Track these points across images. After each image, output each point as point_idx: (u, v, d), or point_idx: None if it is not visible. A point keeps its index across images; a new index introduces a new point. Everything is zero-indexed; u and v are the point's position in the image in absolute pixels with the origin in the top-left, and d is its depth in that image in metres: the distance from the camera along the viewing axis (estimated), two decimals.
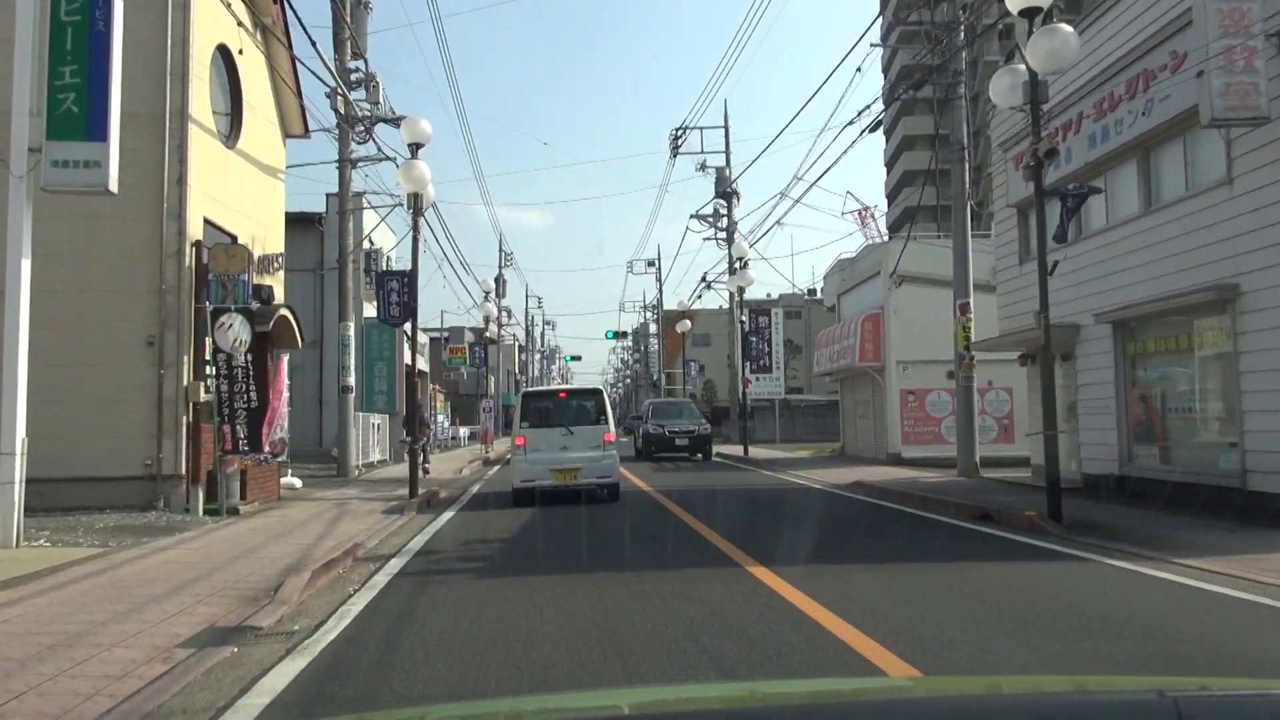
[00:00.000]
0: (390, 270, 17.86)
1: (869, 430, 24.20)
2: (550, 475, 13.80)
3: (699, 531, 10.47)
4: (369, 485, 18.34)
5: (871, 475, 18.30)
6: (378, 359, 27.33)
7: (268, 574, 7.82)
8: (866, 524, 11.60)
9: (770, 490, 16.42)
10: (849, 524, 11.73)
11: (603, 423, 14.33)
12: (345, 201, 21.09)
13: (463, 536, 10.68)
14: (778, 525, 11.73)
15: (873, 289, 23.36)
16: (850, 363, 22.68)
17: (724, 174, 41.40)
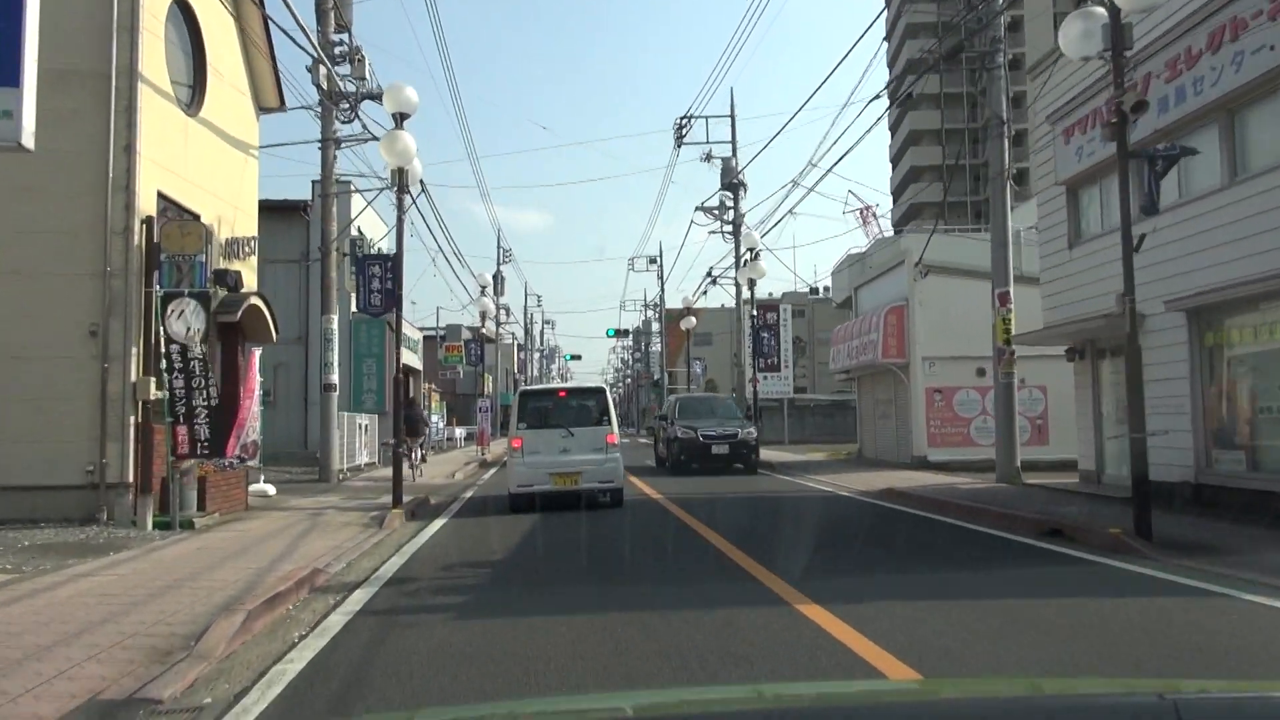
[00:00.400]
0: (372, 254, 16.29)
1: (890, 431, 22.63)
2: (550, 479, 12.82)
3: (725, 552, 8.89)
4: (352, 492, 16.77)
5: (901, 481, 16.73)
6: (366, 355, 25.78)
7: (198, 611, 6.26)
8: (920, 543, 10.02)
9: (793, 499, 14.84)
10: (899, 543, 10.15)
11: (605, 424, 13.32)
12: (329, 184, 19.51)
13: (447, 556, 9.10)
14: (815, 544, 10.16)
15: (895, 280, 21.78)
16: (872, 359, 21.12)
17: (730, 164, 39.82)
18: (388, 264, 13.88)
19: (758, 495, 15.39)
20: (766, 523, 11.89)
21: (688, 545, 9.66)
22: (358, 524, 11.73)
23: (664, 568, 8.35)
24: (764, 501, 14.52)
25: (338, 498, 15.64)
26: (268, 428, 26.14)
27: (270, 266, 25.92)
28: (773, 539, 10.34)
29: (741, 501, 14.47)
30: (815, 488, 16.57)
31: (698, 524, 11.03)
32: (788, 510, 13.30)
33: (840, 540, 10.26)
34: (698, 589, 7.22)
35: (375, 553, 9.35)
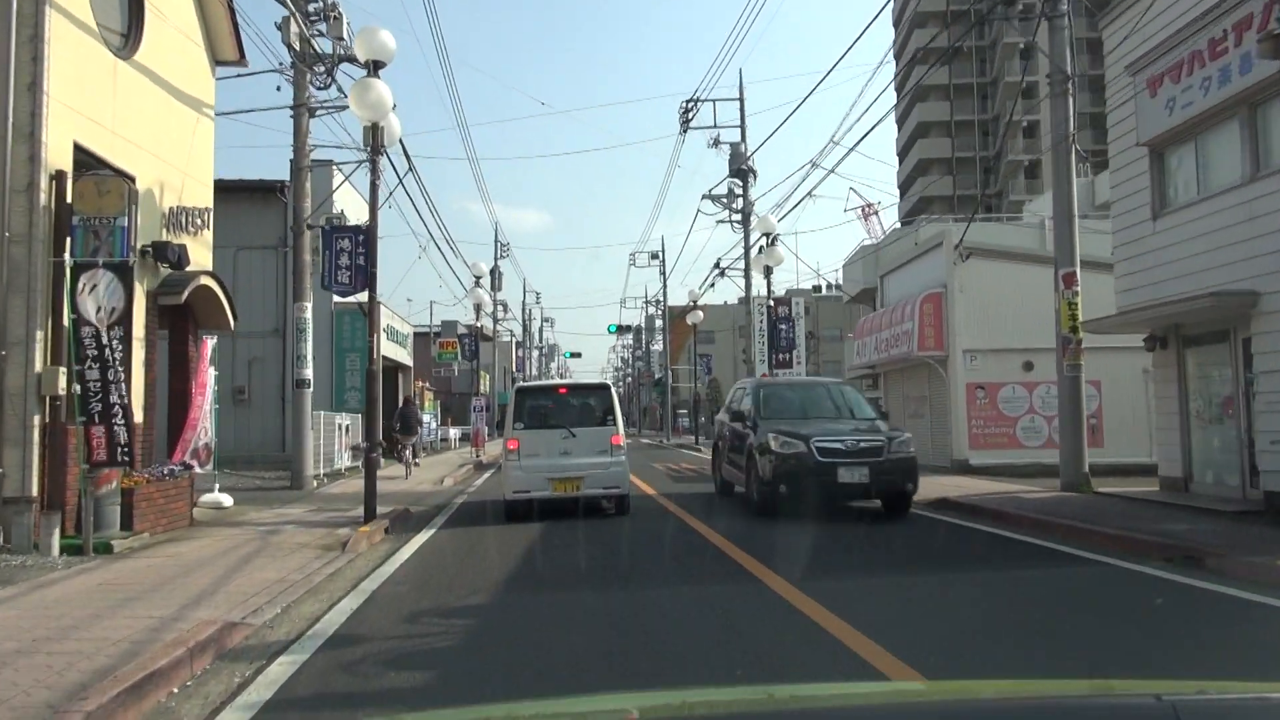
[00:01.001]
0: (341, 225, 14.24)
1: (923, 432, 20.55)
2: (549, 485, 11.64)
3: (777, 590, 6.83)
4: (323, 502, 14.72)
5: (949, 488, 14.69)
6: (350, 349, 23.74)
7: (30, 702, 4.21)
8: (1012, 572, 7.96)
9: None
10: (987, 571, 8.10)
11: (610, 423, 12.12)
12: (301, 156, 17.45)
13: (417, 598, 7.02)
14: (883, 571, 8.12)
15: (932, 265, 19.72)
16: (906, 351, 19.06)
17: (739, 149, 37.78)
18: (359, 236, 11.82)
19: None
20: (812, 542, 9.82)
21: (724, 576, 7.62)
22: (316, 545, 9.67)
23: (705, 619, 6.27)
24: None
25: (304, 509, 13.59)
26: (241, 428, 24.18)
27: (245, 253, 23.97)
28: (827, 564, 8.31)
29: None
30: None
31: (723, 541, 8.99)
32: (826, 524, 11.23)
33: (917, 569, 8.21)
34: (755, 650, 5.16)
35: (325, 590, 7.29)
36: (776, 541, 9.39)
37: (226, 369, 23.76)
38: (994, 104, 76.62)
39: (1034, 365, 18.54)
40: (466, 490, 17.60)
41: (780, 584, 6.81)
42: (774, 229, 23.69)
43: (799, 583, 6.75)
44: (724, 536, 9.63)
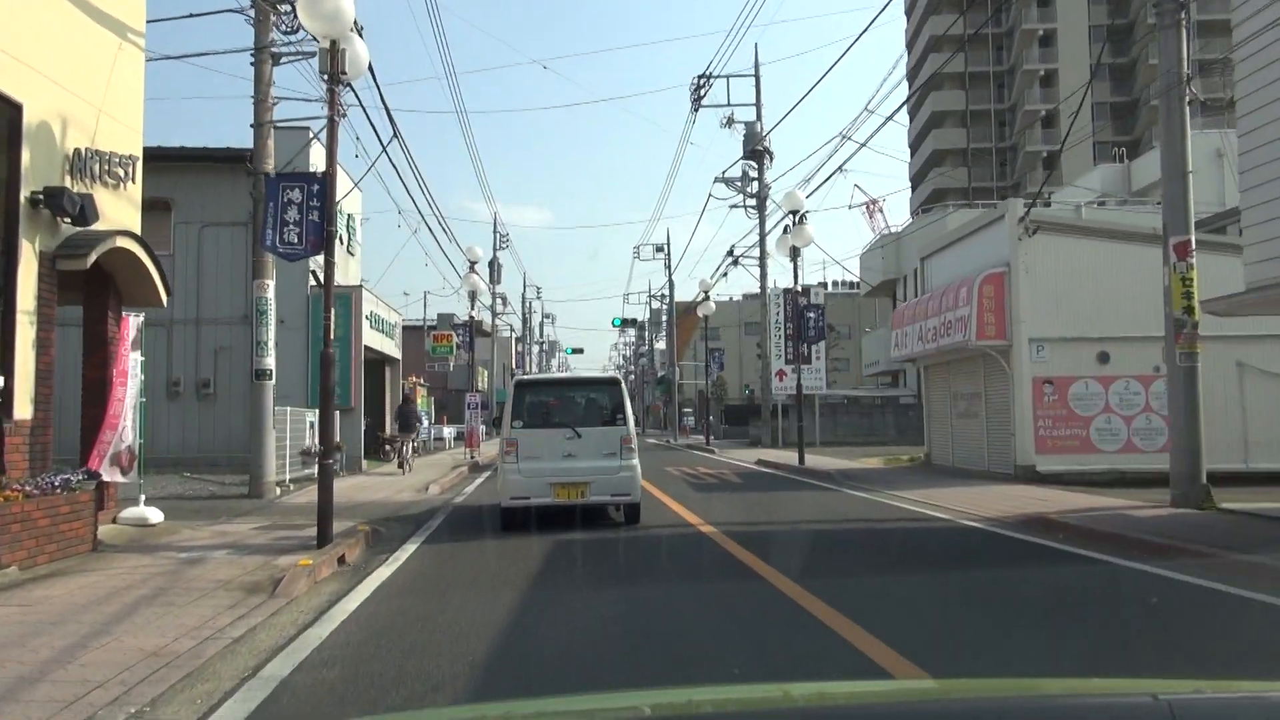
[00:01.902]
0: (290, 173, 11.72)
1: (976, 433, 18.09)
2: (550, 491, 10.42)
3: (871, 656, 4.35)
4: (280, 515, 12.25)
5: (1032, 501, 12.23)
6: (332, 339, 21.20)
7: None
8: (1204, 638, 5.48)
9: (900, 532, 10.28)
10: (1163, 633, 5.62)
11: (620, 422, 10.89)
12: (264, 110, 15.01)
13: (341, 699, 4.48)
14: (1010, 631, 5.65)
15: (990, 241, 17.23)
16: (962, 340, 16.56)
17: (754, 129, 35.31)
18: (313, 185, 9.32)
19: (844, 527, 10.84)
20: (895, 584, 7.32)
21: (795, 642, 5.16)
22: (240, 584, 7.21)
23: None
24: (858, 538, 9.96)
25: (253, 525, 11.12)
26: (206, 427, 21.73)
27: (211, 230, 21.48)
28: (926, 620, 5.86)
29: (826, 539, 9.93)
30: (913, 510, 12.01)
31: (779, 578, 6.51)
32: (914, 555, 8.73)
33: (1050, 626, 5.74)
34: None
35: (210, 676, 4.80)
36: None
37: (190, 360, 21.33)
38: (1011, 93, 74.10)
39: (1110, 357, 16.09)
40: (455, 499, 15.12)
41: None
42: (801, 205, 21.19)
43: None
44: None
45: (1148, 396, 16.03)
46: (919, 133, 79.14)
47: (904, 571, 7.86)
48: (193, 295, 21.05)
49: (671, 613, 6.17)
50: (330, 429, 9.46)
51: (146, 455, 21.13)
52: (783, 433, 34.08)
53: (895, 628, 5.41)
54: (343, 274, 23.94)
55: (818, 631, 5.43)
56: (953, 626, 5.84)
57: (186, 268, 21.13)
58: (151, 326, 21.22)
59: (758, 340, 40.10)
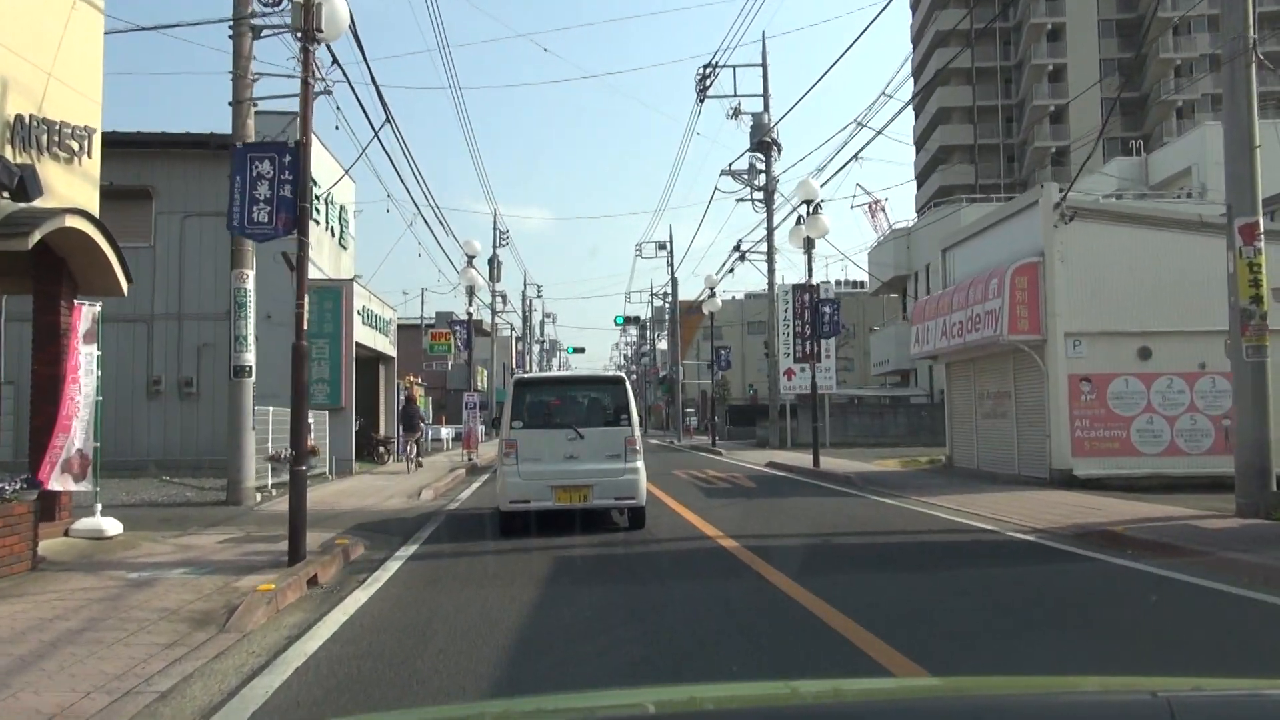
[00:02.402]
0: (259, 143, 10.63)
1: (1004, 434, 16.99)
2: (551, 494, 10.03)
3: None
4: (256, 525, 11.18)
5: (1084, 510, 11.14)
6: (319, 334, 20.16)
7: None
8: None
9: (951, 549, 9.14)
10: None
11: (624, 423, 10.49)
12: (243, 86, 13.93)
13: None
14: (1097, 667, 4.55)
15: (1022, 230, 16.13)
16: (993, 335, 15.45)
17: (762, 120, 34.20)
18: (284, 157, 8.24)
19: (878, 540, 9.73)
20: (971, 614, 6.23)
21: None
22: (188, 614, 6.14)
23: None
24: (893, 552, 8.86)
25: (222, 537, 10.03)
26: (189, 427, 20.65)
27: (194, 220, 20.40)
28: (1000, 652, 4.79)
29: (859, 552, 8.85)
30: (948, 519, 10.91)
31: (822, 606, 5.45)
32: (983, 581, 7.59)
33: (1142, 663, 4.65)
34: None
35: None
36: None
37: (172, 357, 20.25)
38: (1018, 88, 72.97)
39: (1152, 353, 15.00)
40: (448, 506, 14.03)
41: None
42: (816, 195, 20.11)
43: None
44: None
45: (1192, 395, 14.94)
46: (924, 129, 78.01)
47: (985, 609, 6.75)
48: (175, 289, 19.99)
49: (719, 669, 4.95)
50: (302, 431, 8.37)
51: (125, 458, 20.20)
52: (791, 433, 32.99)
53: (893, 631, 4.32)
54: (334, 267, 22.87)
55: (822, 630, 4.33)
56: (1042, 654, 4.75)
57: (168, 260, 20.07)
58: (130, 322, 20.19)
59: (764, 339, 39.06)
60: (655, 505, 12.87)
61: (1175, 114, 66.53)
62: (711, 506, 12.72)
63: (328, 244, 22.83)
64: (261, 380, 20.02)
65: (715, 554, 8.40)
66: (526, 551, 8.70)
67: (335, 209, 23.28)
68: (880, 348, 45.19)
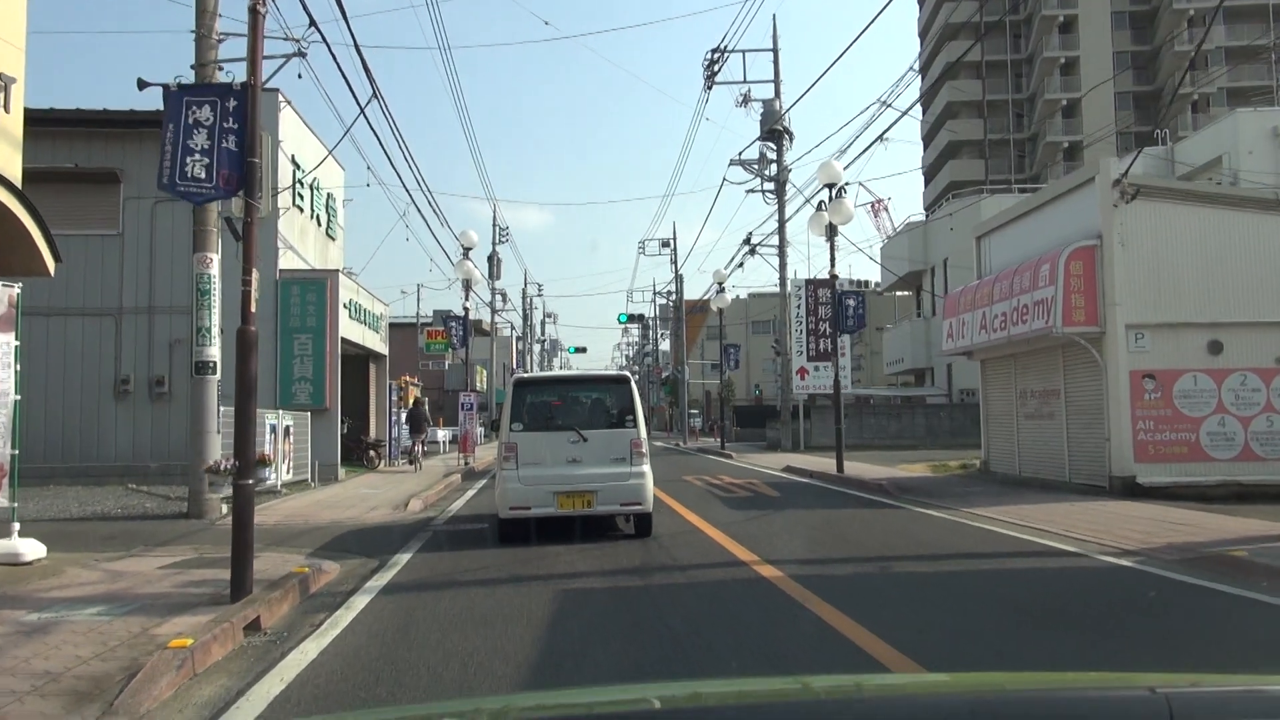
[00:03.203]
0: (199, 84, 9.00)
1: (1050, 437, 15.45)
2: (553, 500, 9.57)
3: None
4: (212, 544, 9.66)
5: (1172, 527, 9.60)
6: (300, 329, 18.65)
7: None
8: None
9: (1037, 577, 7.56)
10: None
11: (629, 425, 10.01)
12: (206, 48, 12.36)
13: None
14: None
15: (1074, 211, 14.59)
16: (1045, 326, 13.89)
17: (773, 108, 32.67)
18: (228, 102, 6.70)
19: (944, 565, 8.16)
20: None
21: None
22: (74, 679, 4.64)
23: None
24: (997, 586, 7.29)
25: (166, 561, 8.51)
26: (159, 430, 19.09)
27: (165, 206, 18.82)
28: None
29: (956, 585, 7.28)
30: (1031, 541, 9.32)
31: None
32: (1090, 617, 6.03)
33: None
34: None
35: None
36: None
37: (141, 355, 18.68)
38: (1029, 82, 71.38)
39: (1223, 346, 13.46)
40: (438, 518, 12.49)
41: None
42: (839, 178, 18.56)
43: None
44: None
45: (1269, 393, 13.41)
46: (932, 125, 76.47)
47: (1051, 633, 5.20)
48: (145, 280, 18.44)
49: None
50: (249, 435, 6.83)
51: (89, 464, 18.63)
52: (804, 435, 31.45)
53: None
54: (321, 259, 21.35)
55: None
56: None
57: (138, 249, 18.53)
58: (96, 316, 18.67)
59: (775, 338, 37.54)
60: (673, 519, 11.34)
61: (1190, 107, 64.96)
62: (736, 521, 11.17)
63: (313, 233, 21.30)
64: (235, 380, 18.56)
65: (756, 588, 6.84)
66: (524, 583, 7.16)
67: (322, 196, 21.76)
68: (894, 345, 43.60)
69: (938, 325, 40.31)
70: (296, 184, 19.60)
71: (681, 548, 8.92)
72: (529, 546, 9.11)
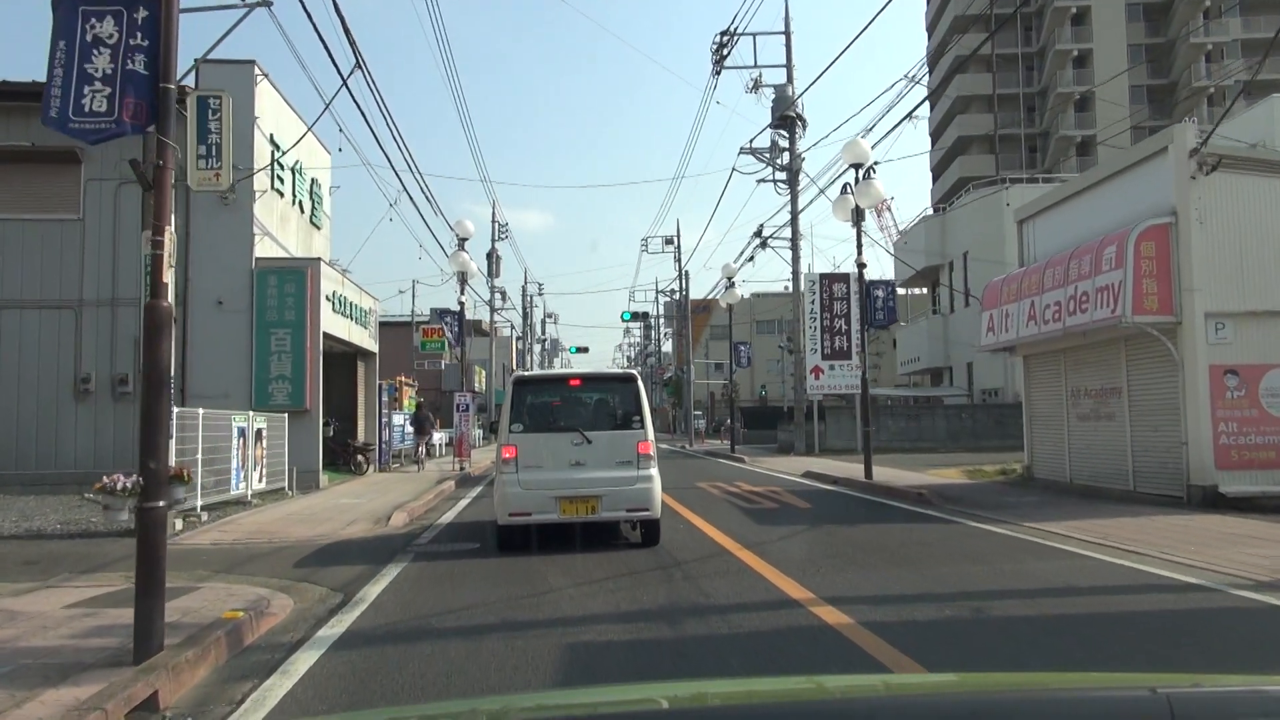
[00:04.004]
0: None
1: (1110, 440, 13.86)
2: (555, 506, 8.97)
3: None
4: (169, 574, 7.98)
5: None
6: (276, 324, 17.06)
7: None
8: None
9: (1165, 620, 5.90)
10: None
11: (636, 426, 9.38)
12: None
13: None
14: None
15: (1142, 186, 13.01)
16: (1111, 315, 12.29)
17: (785, 93, 31.07)
18: (135, 12, 5.15)
19: (1057, 600, 6.56)
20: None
21: None
22: None
23: None
24: (1123, 638, 5.70)
25: (82, 596, 6.94)
26: (122, 432, 17.45)
27: (130, 190, 16.89)
28: None
29: (1079, 638, 5.69)
30: (1133, 569, 7.70)
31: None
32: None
33: None
34: None
35: None
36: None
37: (104, 351, 17.04)
38: (1040, 76, 69.75)
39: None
40: (423, 535, 10.89)
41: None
42: (867, 157, 16.97)
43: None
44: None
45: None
46: (940, 120, 74.94)
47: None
48: (108, 270, 16.84)
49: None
50: (159, 445, 5.25)
51: (45, 471, 16.89)
52: (818, 437, 29.86)
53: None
54: (305, 249, 19.76)
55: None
56: None
57: (100, 235, 16.93)
58: (55, 309, 17.03)
59: (786, 336, 35.92)
60: (696, 538, 9.77)
61: (1206, 101, 63.41)
62: (769, 540, 9.58)
63: (295, 220, 19.72)
64: (208, 378, 16.96)
65: (825, 645, 5.23)
66: (520, 633, 5.56)
67: (305, 181, 20.17)
68: (909, 344, 41.97)
69: (956, 321, 38.80)
70: (276, 165, 18.02)
71: (714, 579, 7.32)
72: (527, 579, 7.53)
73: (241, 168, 16.74)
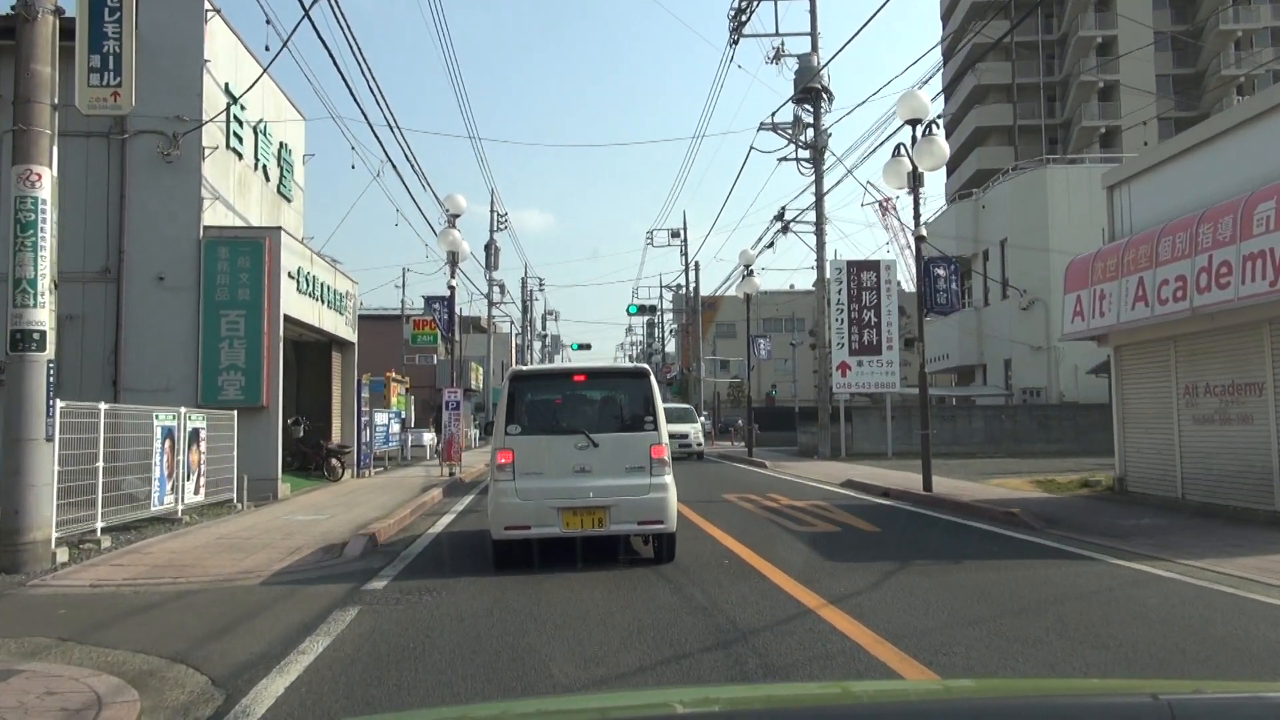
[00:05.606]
0: None
1: (1244, 448, 11.25)
2: (558, 517, 8.07)
3: None
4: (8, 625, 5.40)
5: None
6: (227, 304, 14.44)
7: None
8: None
9: None
10: None
11: (649, 428, 8.43)
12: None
13: None
14: None
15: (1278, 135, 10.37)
16: (1268, 289, 9.69)
17: (809, 63, 28.45)
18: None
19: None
20: None
21: None
22: None
23: None
24: None
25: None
26: None
27: (59, 144, 14.68)
28: None
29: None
30: None
31: None
32: None
33: None
34: None
35: None
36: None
37: None
38: (1061, 64, 67.11)
39: None
40: (389, 565, 8.27)
41: None
42: (926, 112, 14.37)
43: None
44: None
45: None
46: (956, 112, 72.30)
47: None
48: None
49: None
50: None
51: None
52: (845, 440, 27.26)
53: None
54: (271, 221, 17.14)
55: None
56: None
57: None
58: None
59: (811, 330, 33.27)
60: (748, 577, 7.18)
61: (1236, 90, 60.79)
62: (855, 587, 6.95)
63: (258, 188, 17.11)
64: (146, 368, 14.36)
65: None
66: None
67: (272, 144, 17.56)
68: (936, 340, 39.23)
69: (992, 315, 36.09)
70: (232, 120, 15.41)
71: (809, 666, 4.69)
72: (517, 662, 4.91)
73: (188, 119, 14.18)
